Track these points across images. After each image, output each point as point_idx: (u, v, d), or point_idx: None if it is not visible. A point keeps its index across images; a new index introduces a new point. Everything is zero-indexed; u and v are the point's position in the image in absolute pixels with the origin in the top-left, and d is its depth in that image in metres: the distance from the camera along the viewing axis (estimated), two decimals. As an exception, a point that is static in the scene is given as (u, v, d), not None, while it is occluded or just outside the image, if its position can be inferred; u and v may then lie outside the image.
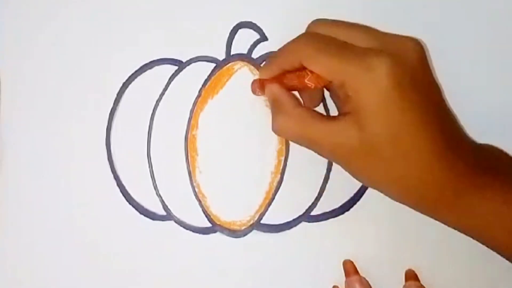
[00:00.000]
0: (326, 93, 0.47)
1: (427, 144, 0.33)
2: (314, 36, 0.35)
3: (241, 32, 0.49)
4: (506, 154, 0.40)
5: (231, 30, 0.49)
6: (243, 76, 0.48)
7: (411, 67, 0.33)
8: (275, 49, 0.48)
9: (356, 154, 0.34)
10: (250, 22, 0.49)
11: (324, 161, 0.47)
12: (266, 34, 0.49)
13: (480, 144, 0.39)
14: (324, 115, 0.36)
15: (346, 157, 0.35)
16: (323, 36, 0.35)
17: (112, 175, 0.48)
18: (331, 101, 0.48)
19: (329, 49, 0.34)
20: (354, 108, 0.33)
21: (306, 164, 0.47)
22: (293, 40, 0.37)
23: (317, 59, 0.34)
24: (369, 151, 0.33)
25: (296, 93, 0.41)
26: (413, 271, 0.44)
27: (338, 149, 0.35)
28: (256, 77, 0.47)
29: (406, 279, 0.45)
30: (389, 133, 0.32)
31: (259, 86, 0.39)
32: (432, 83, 0.35)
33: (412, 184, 0.34)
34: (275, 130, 0.37)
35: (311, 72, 0.35)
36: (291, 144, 0.47)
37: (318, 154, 0.37)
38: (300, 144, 0.36)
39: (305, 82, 0.35)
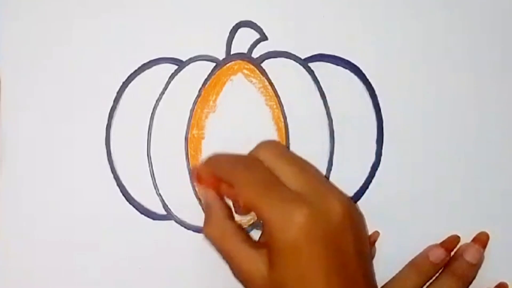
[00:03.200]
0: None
1: None
2: (251, 162, 0.36)
3: (241, 31, 0.49)
4: None
5: (231, 30, 0.49)
6: (244, 76, 0.48)
7: (328, 226, 0.34)
8: (275, 48, 0.48)
9: (261, 284, 0.35)
10: (250, 22, 0.49)
11: (324, 162, 0.47)
12: (266, 34, 0.49)
13: None
14: (248, 237, 0.37)
15: (252, 284, 0.36)
16: (260, 166, 0.36)
17: (112, 175, 0.48)
18: (334, 106, 0.48)
19: (259, 183, 0.35)
20: (269, 245, 0.34)
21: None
22: (234, 159, 0.38)
23: (245, 190, 0.35)
24: (274, 286, 0.34)
25: None
26: (486, 237, 0.44)
27: (249, 278, 0.36)
28: (255, 81, 0.47)
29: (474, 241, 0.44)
30: (296, 280, 0.33)
31: (196, 178, 0.40)
32: (352, 249, 0.35)
33: None
34: (204, 233, 0.39)
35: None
36: (292, 144, 0.47)
37: (231, 271, 0.38)
38: (220, 255, 0.38)
39: (238, 202, 0.36)
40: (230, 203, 0.41)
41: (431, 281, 0.44)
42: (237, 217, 0.48)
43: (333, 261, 0.33)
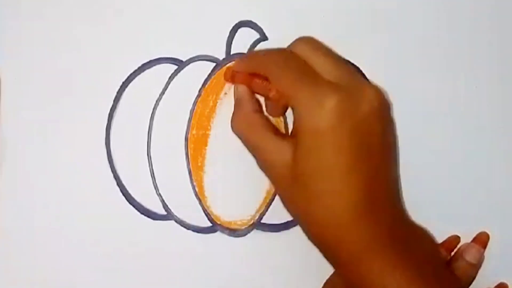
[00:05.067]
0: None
1: (351, 196, 0.33)
2: (286, 53, 0.36)
3: (241, 31, 0.49)
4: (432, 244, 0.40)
5: (231, 29, 0.49)
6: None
7: (362, 114, 0.33)
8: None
9: (286, 176, 0.34)
10: (250, 21, 0.49)
11: (325, 161, 0.47)
12: (266, 34, 0.49)
13: (415, 225, 0.38)
14: (277, 130, 0.36)
15: (277, 178, 0.35)
16: (295, 58, 0.36)
17: (112, 175, 0.48)
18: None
19: (292, 70, 0.35)
20: (296, 132, 0.33)
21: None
22: (271, 52, 0.37)
23: (279, 78, 0.35)
24: (297, 178, 0.34)
25: None
26: (487, 237, 0.44)
27: (272, 167, 0.35)
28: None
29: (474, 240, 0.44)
30: (318, 169, 0.33)
31: (229, 77, 0.40)
32: (378, 142, 0.34)
33: (327, 228, 0.34)
34: (231, 126, 0.38)
35: (276, 89, 0.36)
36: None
37: (256, 162, 0.37)
38: (247, 148, 0.37)
39: (268, 95, 0.36)
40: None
41: None
42: (237, 217, 0.48)
43: (357, 153, 0.32)
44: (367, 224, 0.33)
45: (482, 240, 0.44)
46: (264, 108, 0.39)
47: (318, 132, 0.32)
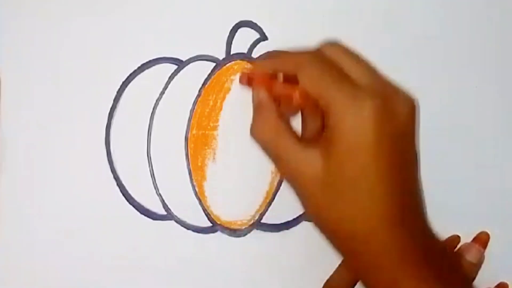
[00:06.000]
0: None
1: (385, 204, 0.32)
2: (319, 54, 0.35)
3: (241, 31, 0.49)
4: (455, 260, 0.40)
5: (231, 29, 0.49)
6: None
7: (398, 121, 0.32)
8: (275, 48, 0.48)
9: (315, 186, 0.33)
10: (250, 21, 0.49)
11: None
12: (266, 34, 0.49)
13: (438, 238, 0.38)
14: (299, 137, 0.35)
15: (304, 187, 0.33)
16: (328, 58, 0.34)
17: (112, 175, 0.48)
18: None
19: (327, 72, 0.33)
20: (329, 138, 0.32)
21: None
22: (301, 52, 0.36)
23: (312, 74, 0.33)
24: (329, 186, 0.32)
25: None
26: (487, 236, 0.44)
27: (299, 176, 0.33)
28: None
29: (474, 240, 0.44)
30: (353, 176, 0.32)
31: (247, 81, 0.38)
32: (411, 151, 0.34)
33: (358, 238, 0.33)
34: (251, 132, 0.36)
35: (300, 91, 0.34)
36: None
37: (280, 172, 0.36)
38: (268, 156, 0.36)
39: (292, 96, 0.34)
40: None
41: None
42: (237, 217, 0.48)
43: (395, 162, 0.32)
44: (401, 238, 0.32)
45: (482, 239, 0.44)
46: None
47: (355, 138, 0.31)
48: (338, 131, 0.32)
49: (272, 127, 0.35)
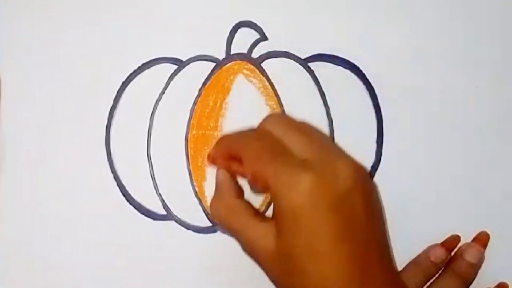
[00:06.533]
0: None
1: (339, 270, 0.33)
2: (260, 132, 0.36)
3: (241, 31, 0.49)
4: None
5: (231, 29, 0.49)
6: (244, 77, 0.48)
7: (336, 191, 0.33)
8: (275, 48, 0.48)
9: (271, 259, 0.34)
10: (250, 22, 0.49)
11: (325, 161, 0.47)
12: (266, 34, 0.49)
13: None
14: (257, 212, 0.36)
15: (261, 261, 0.35)
16: (268, 137, 0.35)
17: (112, 175, 0.48)
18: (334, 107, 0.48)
19: (266, 149, 0.34)
20: (276, 214, 0.33)
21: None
22: (243, 133, 0.37)
23: (250, 154, 0.34)
24: (283, 259, 0.33)
25: None
26: (487, 236, 0.44)
27: (256, 251, 0.34)
28: (255, 81, 0.47)
29: (474, 240, 0.44)
30: (303, 249, 0.32)
31: (210, 161, 0.40)
32: (361, 211, 0.34)
33: None
34: (210, 212, 0.38)
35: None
36: (292, 144, 0.48)
37: (241, 248, 0.37)
38: (229, 233, 0.37)
39: (246, 177, 0.36)
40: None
41: (432, 280, 0.44)
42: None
43: (341, 228, 0.32)
44: None
45: (482, 239, 0.44)
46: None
47: (296, 213, 0.32)
48: (280, 208, 0.32)
49: (227, 206, 0.36)
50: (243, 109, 0.48)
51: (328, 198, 0.32)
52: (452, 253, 0.45)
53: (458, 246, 0.45)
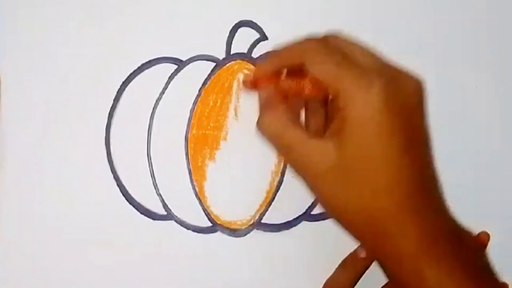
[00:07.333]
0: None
1: (405, 186, 0.32)
2: (322, 40, 0.35)
3: (241, 31, 0.49)
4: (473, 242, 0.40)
5: (231, 29, 0.49)
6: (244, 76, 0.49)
7: (406, 97, 0.33)
8: (275, 48, 0.48)
9: (330, 174, 0.33)
10: (250, 21, 0.49)
11: (325, 161, 0.47)
12: (266, 33, 0.49)
13: (457, 222, 0.38)
14: (307, 131, 0.35)
15: (318, 177, 0.33)
16: (332, 43, 0.35)
17: (112, 175, 0.48)
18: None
19: (334, 55, 0.34)
20: (340, 123, 0.32)
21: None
22: (304, 41, 0.36)
23: (320, 58, 0.34)
24: (344, 172, 0.32)
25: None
26: (487, 236, 0.44)
27: (311, 167, 0.33)
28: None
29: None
30: (368, 155, 0.32)
31: (251, 84, 0.38)
32: (423, 127, 0.34)
33: (378, 223, 0.33)
34: (258, 126, 0.35)
35: (310, 80, 0.35)
36: (292, 144, 0.48)
37: (288, 163, 0.36)
38: (275, 149, 0.36)
39: (301, 88, 0.35)
40: None
41: None
42: (238, 217, 0.48)
43: (407, 138, 0.32)
44: (421, 219, 0.32)
45: (482, 239, 0.44)
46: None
47: (368, 119, 0.31)
48: (348, 115, 0.32)
49: (280, 119, 0.35)
50: (244, 109, 0.48)
51: (399, 106, 0.32)
52: None
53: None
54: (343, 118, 0.32)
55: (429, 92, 0.48)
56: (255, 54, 0.48)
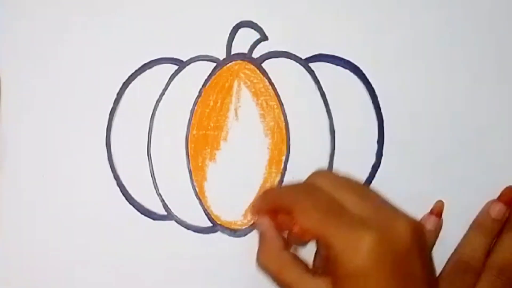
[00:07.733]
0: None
1: None
2: (310, 187, 0.36)
3: (242, 31, 0.49)
4: None
5: (232, 30, 0.49)
6: (244, 77, 0.48)
7: (397, 252, 0.33)
8: (276, 48, 0.48)
9: None
10: (251, 22, 0.49)
11: (325, 161, 0.47)
12: (267, 34, 0.49)
13: None
14: (307, 267, 0.36)
15: None
16: (321, 192, 0.35)
17: (112, 175, 0.48)
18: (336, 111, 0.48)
19: (322, 205, 0.34)
20: (333, 271, 0.33)
21: (306, 163, 0.46)
22: (293, 187, 0.37)
23: (306, 209, 0.34)
24: None
25: None
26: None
27: None
28: (256, 80, 0.48)
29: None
30: None
31: (254, 212, 0.40)
32: (421, 273, 0.34)
33: None
34: (257, 262, 0.38)
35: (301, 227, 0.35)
36: (292, 144, 0.47)
37: None
38: (278, 285, 0.37)
39: (293, 230, 0.35)
40: None
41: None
42: (238, 217, 0.48)
43: (400, 286, 0.32)
44: None
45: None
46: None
47: (359, 273, 0.32)
48: (339, 266, 0.32)
49: (276, 258, 0.36)
50: (244, 109, 0.48)
51: (390, 258, 0.32)
52: None
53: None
54: (335, 267, 0.32)
55: (429, 92, 0.48)
56: (256, 54, 0.48)
